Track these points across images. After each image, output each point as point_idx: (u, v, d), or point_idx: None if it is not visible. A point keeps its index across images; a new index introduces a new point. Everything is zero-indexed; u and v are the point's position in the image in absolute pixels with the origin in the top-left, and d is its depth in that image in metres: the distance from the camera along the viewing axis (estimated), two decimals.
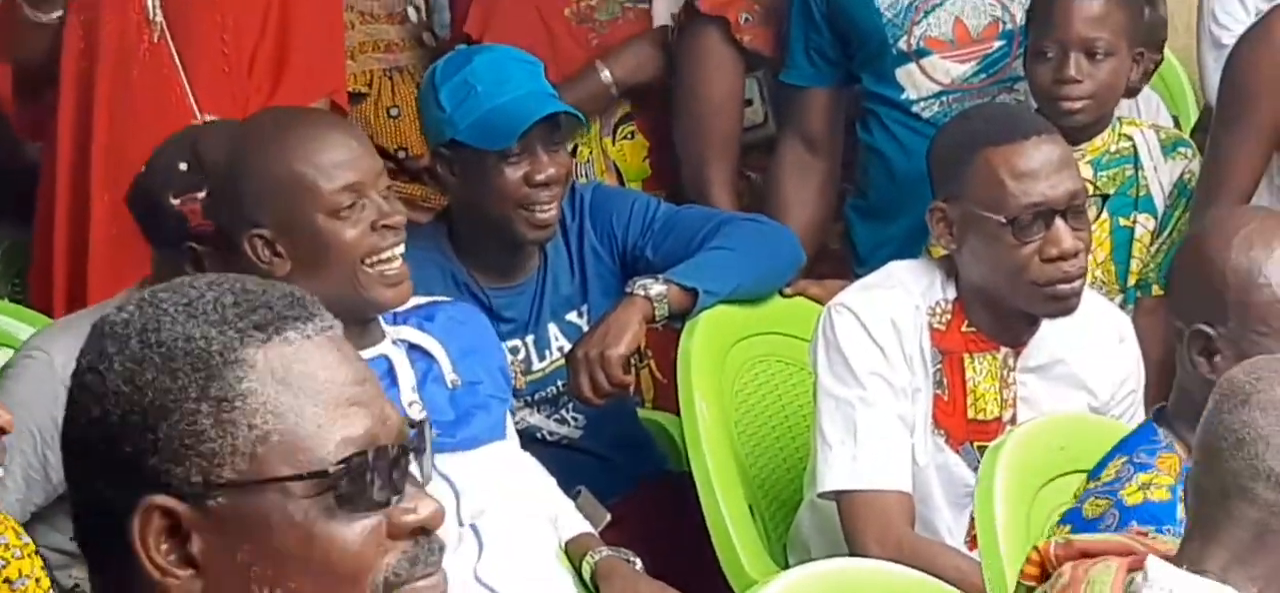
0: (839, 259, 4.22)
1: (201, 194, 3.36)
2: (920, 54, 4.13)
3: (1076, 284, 3.39)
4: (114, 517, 1.63)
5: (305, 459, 1.62)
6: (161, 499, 1.59)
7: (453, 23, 4.56)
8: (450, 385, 3.19)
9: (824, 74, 4.26)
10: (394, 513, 1.64)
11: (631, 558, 3.39)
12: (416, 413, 3.03)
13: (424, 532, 1.66)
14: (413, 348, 3.19)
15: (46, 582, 2.44)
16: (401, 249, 3.12)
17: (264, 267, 3.01)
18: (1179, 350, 2.85)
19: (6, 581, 2.35)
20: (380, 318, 3.18)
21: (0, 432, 2.12)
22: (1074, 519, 2.76)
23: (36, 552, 2.49)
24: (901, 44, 4.13)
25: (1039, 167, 3.36)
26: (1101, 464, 2.86)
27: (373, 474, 1.64)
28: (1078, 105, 3.86)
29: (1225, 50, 4.21)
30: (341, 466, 1.62)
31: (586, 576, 3.37)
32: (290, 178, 3.06)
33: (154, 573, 1.61)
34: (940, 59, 4.13)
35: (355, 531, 1.64)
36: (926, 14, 4.12)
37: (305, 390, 1.63)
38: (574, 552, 3.41)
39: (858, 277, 3.73)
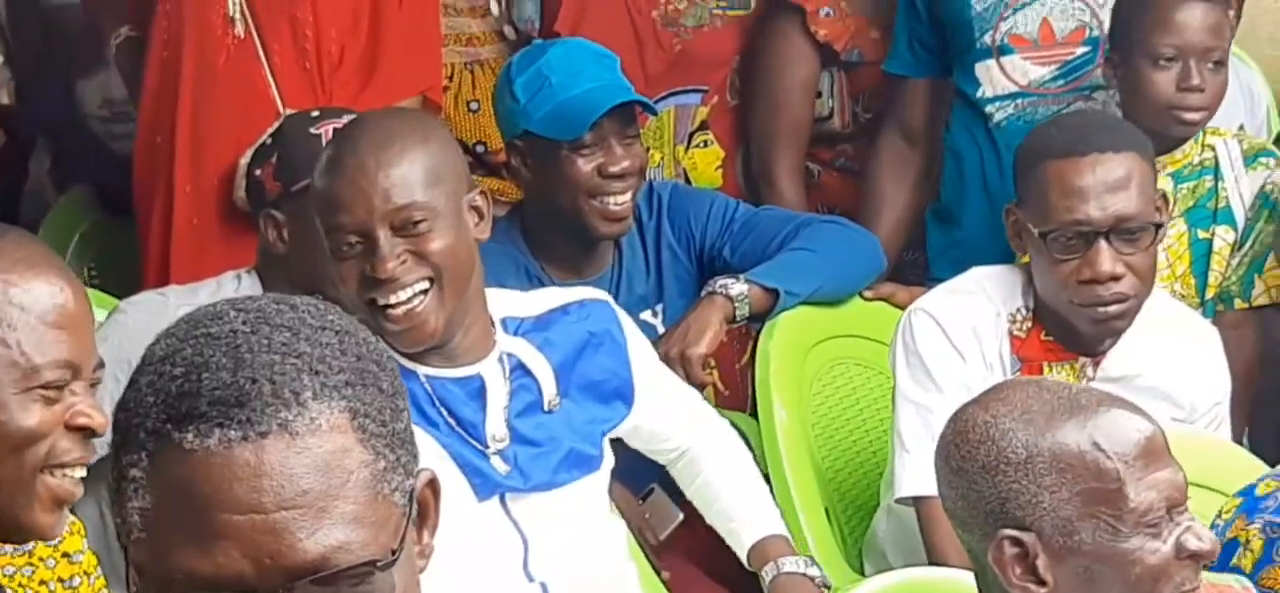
0: (921, 265, 4.23)
1: (273, 159, 3.48)
2: (1003, 51, 4.13)
3: (1114, 308, 3.39)
4: None
5: None
6: None
7: (542, 22, 4.54)
8: (547, 408, 3.10)
9: (924, 64, 4.28)
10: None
11: (817, 571, 3.26)
12: (497, 442, 3.00)
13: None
14: (518, 365, 3.09)
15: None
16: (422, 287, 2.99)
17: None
18: None
19: (65, 554, 2.35)
20: (497, 325, 3.08)
21: (93, 433, 2.11)
22: (1247, 495, 2.78)
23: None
24: (987, 38, 4.13)
25: (1089, 186, 3.36)
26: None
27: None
28: (1197, 116, 3.86)
29: None
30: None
31: (764, 586, 3.28)
32: (367, 181, 3.01)
33: None
34: (1021, 58, 4.12)
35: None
36: (1015, 10, 4.12)
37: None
38: (755, 559, 3.29)
39: (932, 281, 3.75)
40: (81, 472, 2.12)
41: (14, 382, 2.05)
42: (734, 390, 3.90)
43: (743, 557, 3.31)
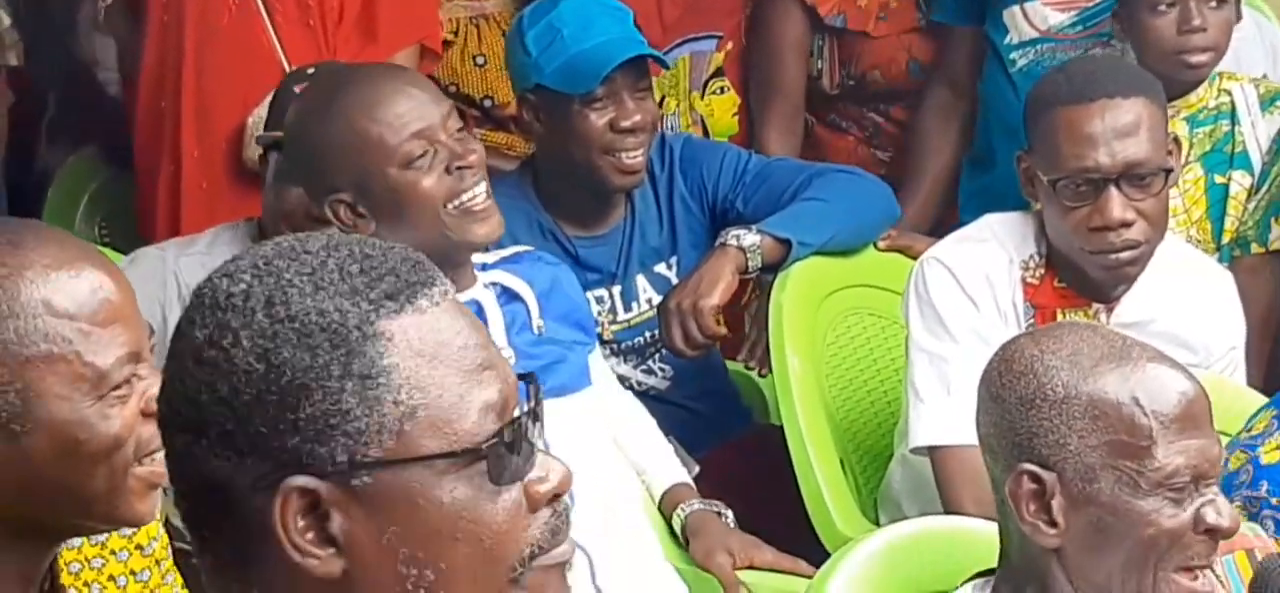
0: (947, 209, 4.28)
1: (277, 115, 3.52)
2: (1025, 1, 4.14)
3: (1126, 255, 3.39)
4: (236, 496, 1.63)
5: (452, 433, 1.61)
6: (302, 480, 1.60)
7: None
8: (536, 331, 3.21)
9: (967, 10, 4.31)
10: (530, 485, 1.65)
11: (723, 511, 3.42)
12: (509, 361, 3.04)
13: (556, 497, 1.67)
14: (503, 291, 3.22)
15: (168, 541, 2.45)
16: (484, 184, 3.14)
17: (350, 228, 3.05)
18: None
19: (138, 546, 2.35)
20: (471, 262, 3.19)
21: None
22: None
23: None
24: None
25: (1099, 132, 3.37)
26: (1255, 415, 2.88)
27: (518, 445, 1.65)
28: (1204, 57, 3.88)
29: None
30: (493, 439, 1.62)
31: (677, 528, 3.40)
32: (356, 138, 3.09)
33: (293, 554, 1.60)
34: (1042, 5, 4.15)
35: (503, 506, 1.64)
36: None
37: (444, 360, 1.62)
38: (666, 504, 3.44)
39: (960, 225, 3.75)
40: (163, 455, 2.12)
41: (86, 394, 2.03)
42: (737, 332, 3.99)
43: (656, 502, 3.42)
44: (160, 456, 2.06)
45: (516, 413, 1.64)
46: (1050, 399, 2.26)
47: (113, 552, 2.28)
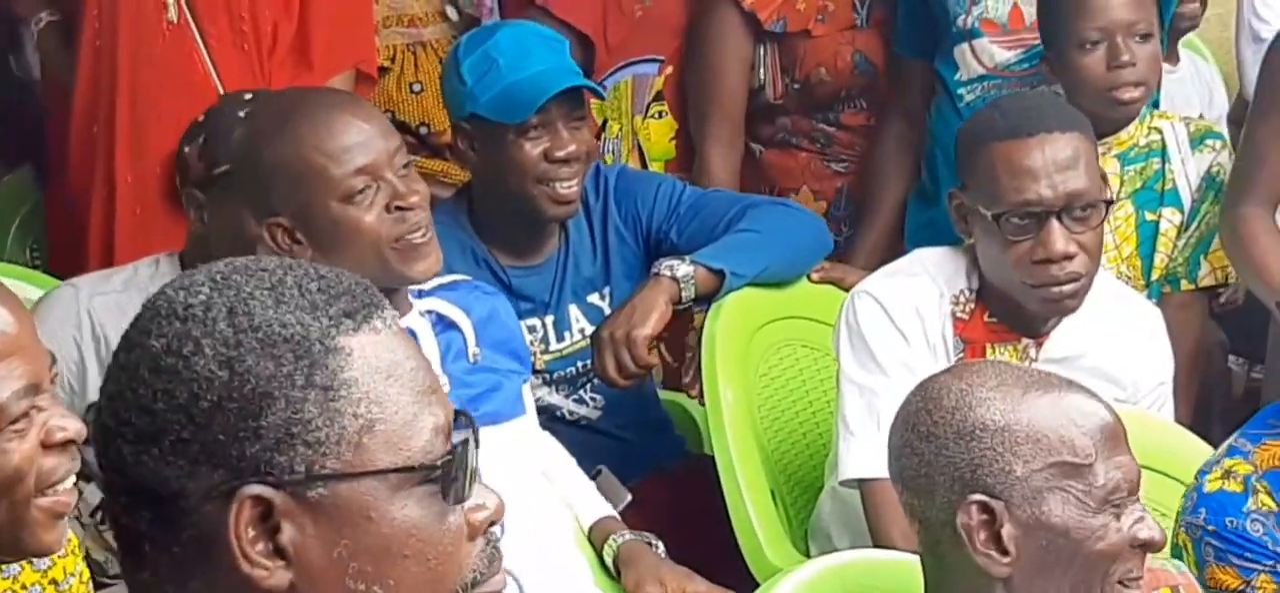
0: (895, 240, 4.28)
1: (201, 138, 3.45)
2: (973, 34, 4.18)
3: (1068, 287, 3.40)
4: (186, 505, 1.62)
5: (407, 450, 1.64)
6: (257, 489, 1.60)
7: None
8: (472, 359, 3.21)
9: (921, 44, 4.33)
10: (469, 512, 1.67)
11: (654, 542, 3.41)
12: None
13: (492, 525, 1.69)
14: (439, 319, 3.22)
15: (88, 575, 2.43)
16: (423, 223, 3.13)
17: (285, 253, 3.02)
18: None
19: (52, 581, 2.34)
20: (406, 290, 3.20)
21: (73, 441, 2.11)
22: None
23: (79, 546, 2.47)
24: (960, 21, 4.19)
25: (1040, 165, 3.38)
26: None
27: (465, 467, 1.67)
28: (1135, 92, 3.90)
29: (1263, 44, 4.21)
30: (447, 456, 1.65)
31: (608, 559, 3.39)
32: (301, 167, 3.07)
33: (242, 564, 1.60)
34: (990, 42, 4.18)
35: (448, 529, 1.66)
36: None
37: (398, 379, 1.64)
38: (596, 536, 3.43)
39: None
40: (72, 479, 2.11)
41: None
42: (679, 362, 4.03)
43: (585, 533, 3.43)
44: (66, 485, 2.07)
45: (462, 437, 1.66)
46: (990, 429, 2.27)
47: (24, 586, 2.27)
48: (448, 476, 1.65)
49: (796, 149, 4.53)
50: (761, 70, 4.45)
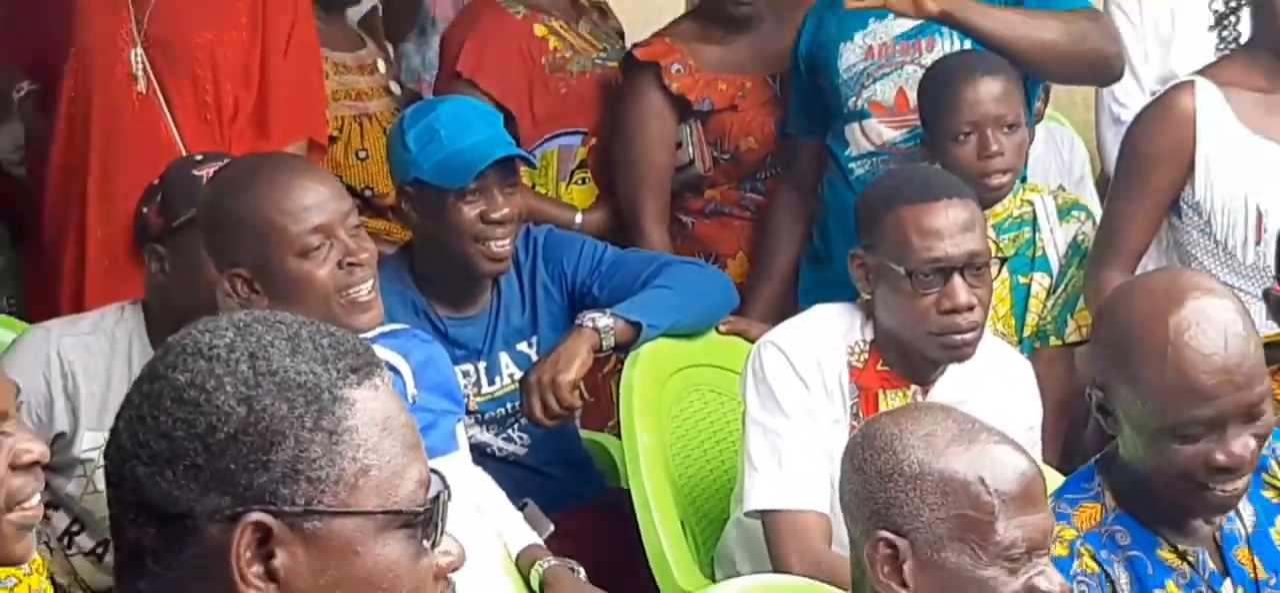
0: (789, 298, 4.26)
1: (158, 198, 3.44)
2: (862, 115, 4.17)
3: (969, 335, 3.42)
4: (192, 524, 1.63)
5: (394, 496, 1.65)
6: (259, 516, 1.61)
7: (442, 62, 4.63)
8: (411, 399, 3.18)
9: (813, 126, 4.31)
10: (438, 555, 1.69)
11: (576, 567, 3.40)
12: None
13: (453, 570, 1.71)
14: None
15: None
16: (370, 280, 3.13)
17: (243, 302, 3.02)
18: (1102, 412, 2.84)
19: None
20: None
21: (38, 462, 2.11)
22: None
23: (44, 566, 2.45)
24: (851, 103, 4.18)
25: (944, 227, 3.39)
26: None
27: (440, 519, 1.69)
28: (1004, 178, 3.92)
29: (1123, 125, 4.23)
30: (429, 505, 1.67)
31: (535, 583, 3.38)
32: (263, 223, 3.06)
33: (238, 583, 1.61)
34: (877, 122, 4.17)
35: (420, 569, 1.68)
36: (876, 80, 4.17)
37: (391, 433, 1.66)
38: (523, 562, 3.42)
39: (799, 312, 3.77)
40: (37, 496, 2.10)
41: None
42: (598, 400, 4.01)
43: (513, 559, 3.42)
44: (32, 502, 2.05)
45: (436, 491, 1.68)
46: (906, 474, 2.27)
47: None
48: (426, 523, 1.66)
49: (729, 219, 4.53)
50: (689, 147, 4.45)
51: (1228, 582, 2.79)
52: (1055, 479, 3.26)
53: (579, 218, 4.45)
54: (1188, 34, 4.22)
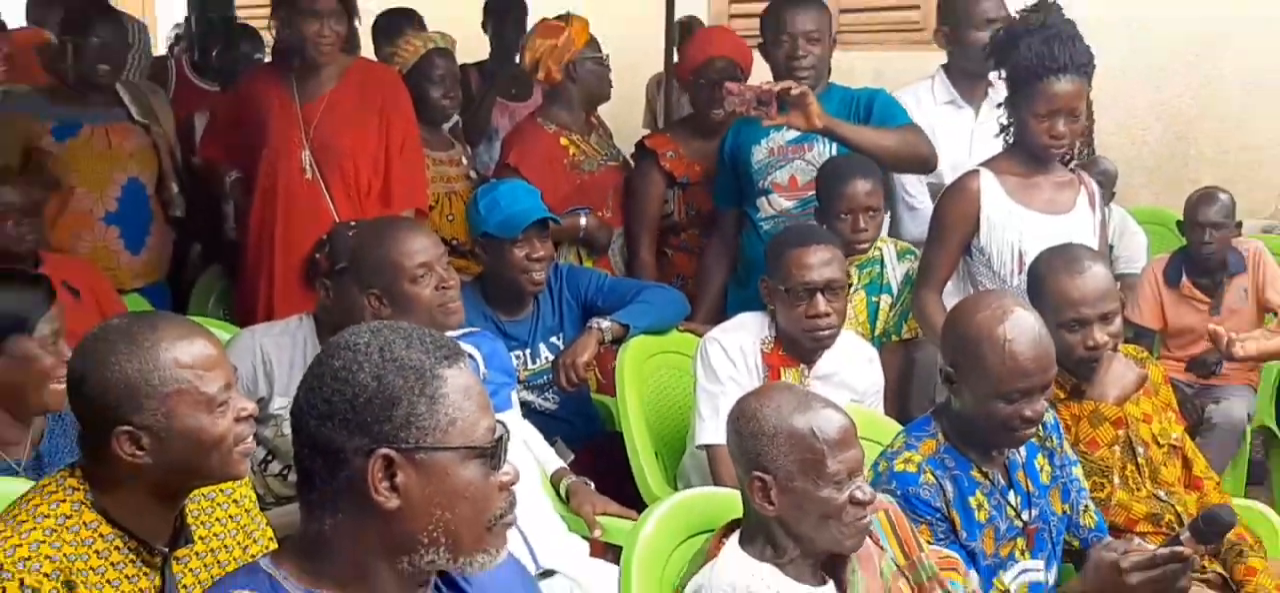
0: (721, 310, 4.21)
1: (326, 250, 3.52)
2: (768, 192, 4.16)
3: (826, 334, 3.44)
4: (345, 456, 1.68)
5: (472, 437, 1.70)
6: (387, 450, 1.65)
7: (501, 158, 4.59)
8: (482, 376, 3.15)
9: (733, 199, 4.27)
10: (501, 475, 1.73)
11: (588, 482, 3.40)
12: None
13: (512, 485, 1.75)
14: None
15: (254, 498, 2.36)
16: (456, 298, 3.16)
17: (376, 313, 3.04)
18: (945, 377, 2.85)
19: (234, 500, 2.29)
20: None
21: (252, 417, 2.12)
22: (874, 468, 2.79)
23: (250, 484, 2.40)
24: (760, 184, 4.16)
25: (812, 262, 3.40)
26: (894, 438, 2.90)
27: (503, 451, 1.72)
28: (867, 245, 3.93)
29: (917, 211, 4.30)
30: (495, 443, 1.71)
31: (562, 492, 3.39)
32: (389, 260, 3.08)
33: (373, 493, 1.67)
34: (777, 197, 4.15)
35: (490, 484, 1.72)
36: (776, 170, 4.16)
37: (470, 397, 1.71)
38: (554, 479, 3.42)
39: (729, 319, 3.75)
40: (251, 438, 2.12)
41: (205, 409, 2.02)
42: (609, 380, 3.91)
43: (548, 478, 3.41)
44: (248, 440, 2.10)
45: (499, 433, 1.72)
46: (767, 433, 2.29)
47: (219, 504, 2.24)
48: (493, 454, 1.70)
49: (692, 253, 4.50)
50: (672, 205, 4.45)
51: (1012, 491, 2.83)
52: (892, 425, 3.30)
53: (584, 220, 4.40)
54: (983, 142, 4.07)
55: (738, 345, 3.48)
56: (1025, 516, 2.81)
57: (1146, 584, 2.60)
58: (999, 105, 3.70)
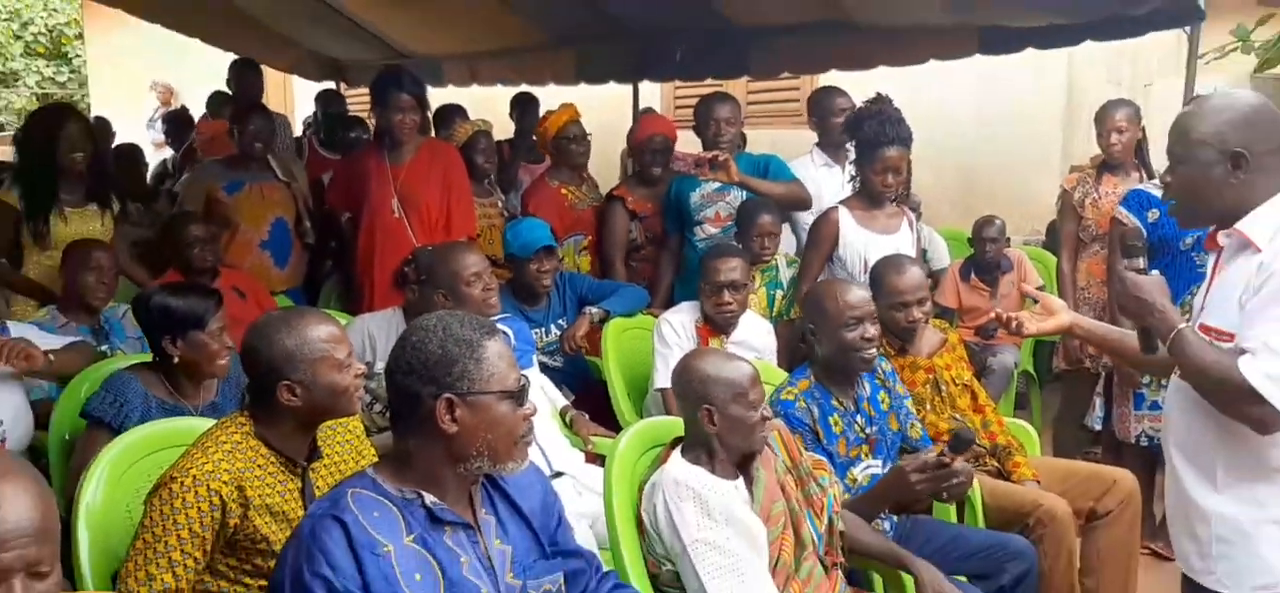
0: (669, 300, 4.17)
1: (412, 265, 3.46)
2: (701, 224, 4.12)
3: (731, 316, 3.43)
4: (421, 400, 1.66)
5: (505, 384, 1.68)
6: (449, 395, 1.65)
7: (522, 203, 4.52)
8: (512, 345, 3.12)
9: (677, 228, 4.20)
10: (524, 410, 1.71)
11: (584, 415, 3.38)
12: None
13: (531, 417, 1.72)
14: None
15: (362, 429, 2.31)
16: (495, 295, 3.15)
17: (443, 305, 3.01)
18: (805, 337, 2.85)
19: (351, 431, 2.25)
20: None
21: (365, 376, 2.11)
22: (770, 401, 2.76)
23: (361, 418, 2.38)
24: (696, 218, 4.12)
25: (723, 267, 3.41)
26: (782, 383, 2.87)
27: (526, 394, 1.70)
28: (769, 259, 3.88)
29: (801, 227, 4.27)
30: (522, 388, 1.69)
31: (567, 421, 3.36)
32: (452, 271, 3.08)
33: (441, 423, 1.64)
34: (707, 227, 4.11)
35: (518, 415, 1.70)
36: (706, 209, 4.10)
37: (504, 359, 1.69)
38: (562, 412, 3.39)
39: (675, 306, 3.73)
40: (362, 388, 2.11)
41: (335, 370, 2.02)
42: (596, 348, 3.88)
43: (557, 410, 3.34)
44: (360, 389, 2.09)
45: (523, 382, 1.69)
46: (706, 380, 2.26)
47: (338, 429, 2.22)
48: (519, 396, 1.69)
49: (649, 263, 4.39)
50: (635, 233, 4.38)
51: (858, 415, 2.78)
52: (781, 373, 3.30)
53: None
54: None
55: (680, 323, 3.49)
56: (868, 430, 2.82)
57: (923, 482, 2.51)
58: (852, 162, 3.73)
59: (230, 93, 5.99)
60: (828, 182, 4.23)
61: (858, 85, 4.37)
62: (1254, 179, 1.86)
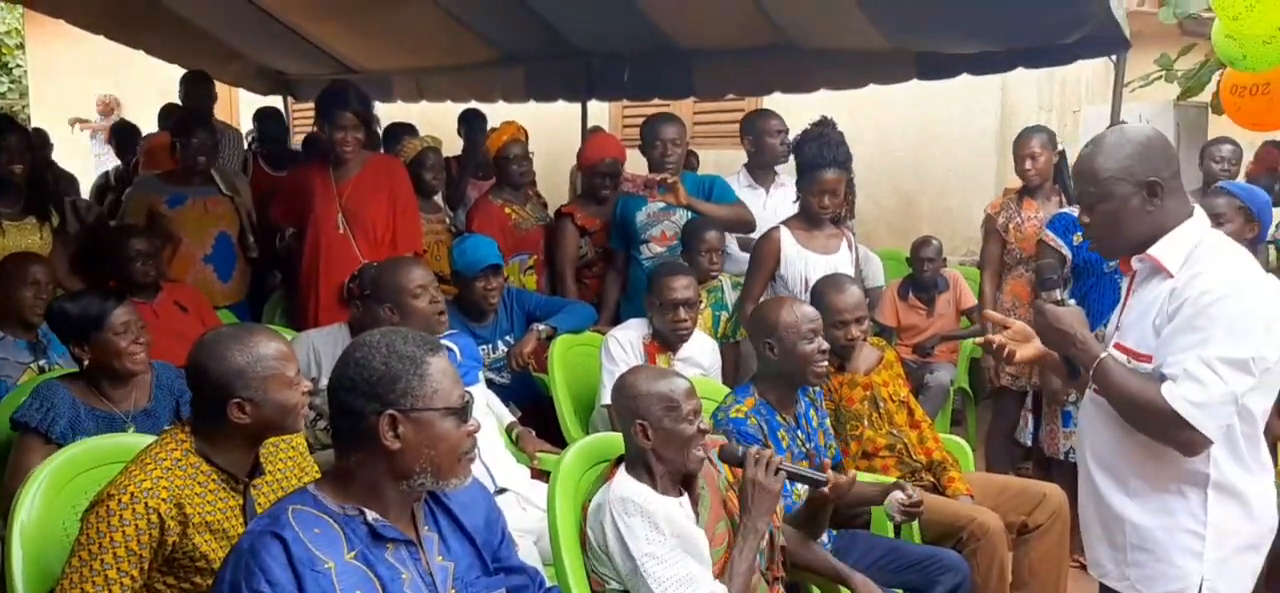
0: (616, 317, 4.18)
1: (357, 282, 3.39)
2: (647, 242, 4.12)
3: (684, 332, 3.43)
4: (364, 417, 1.64)
5: (449, 401, 1.66)
6: (391, 411, 1.63)
7: (468, 221, 4.47)
8: (458, 361, 3.13)
9: (624, 245, 4.19)
10: (468, 427, 1.69)
11: (531, 431, 3.37)
12: None
13: (474, 433, 1.71)
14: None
15: (306, 445, 2.30)
16: (443, 310, 3.11)
17: (388, 320, 2.98)
18: (759, 353, 2.85)
19: (294, 447, 2.24)
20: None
21: (309, 391, 2.09)
22: (715, 417, 2.78)
23: (305, 435, 2.35)
24: (642, 237, 4.12)
25: (675, 285, 3.41)
26: (726, 397, 2.90)
27: (469, 410, 1.69)
28: (716, 279, 3.88)
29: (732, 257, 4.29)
30: (464, 404, 1.67)
31: (513, 437, 3.34)
32: (397, 284, 3.04)
33: (382, 440, 1.62)
34: (653, 245, 4.11)
35: (461, 432, 1.68)
36: (652, 228, 4.11)
37: (448, 376, 1.67)
38: (509, 428, 3.37)
39: (621, 323, 3.73)
40: (310, 404, 2.11)
41: (284, 388, 2.01)
42: (543, 364, 3.85)
43: (504, 427, 3.33)
44: (305, 405, 2.07)
45: (468, 399, 1.68)
46: (639, 395, 2.27)
47: (281, 446, 2.20)
48: (463, 412, 1.67)
49: (598, 279, 4.37)
50: (584, 249, 4.35)
51: (799, 430, 2.82)
52: (724, 388, 3.28)
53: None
54: (772, 212, 4.09)
55: (628, 340, 3.49)
56: (807, 445, 2.86)
57: (814, 501, 2.47)
58: (779, 186, 3.77)
59: (181, 106, 5.87)
60: (752, 203, 4.25)
61: (801, 108, 4.42)
62: (1166, 204, 1.92)
